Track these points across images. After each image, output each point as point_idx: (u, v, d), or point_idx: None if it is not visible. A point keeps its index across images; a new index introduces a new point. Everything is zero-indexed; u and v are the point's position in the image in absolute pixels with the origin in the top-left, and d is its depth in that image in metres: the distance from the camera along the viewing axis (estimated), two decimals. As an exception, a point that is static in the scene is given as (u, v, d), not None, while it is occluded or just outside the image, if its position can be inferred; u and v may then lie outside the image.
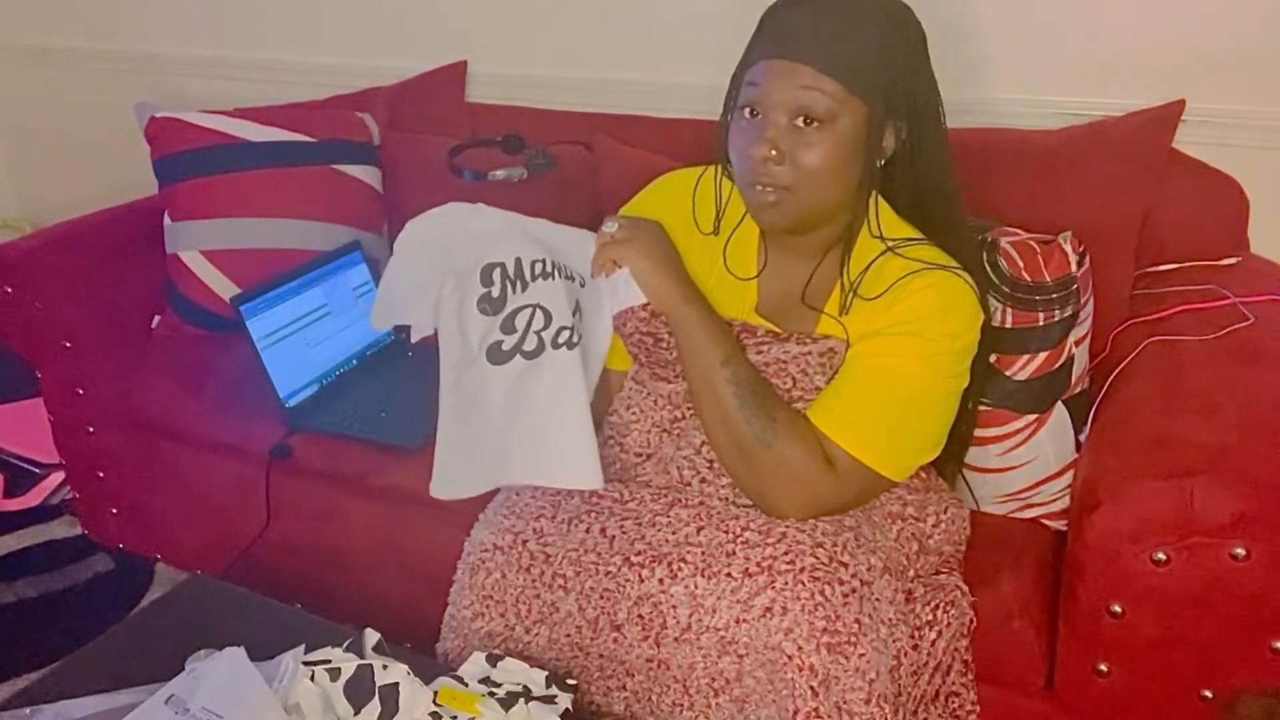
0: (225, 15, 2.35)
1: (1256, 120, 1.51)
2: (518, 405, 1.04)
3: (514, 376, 1.02)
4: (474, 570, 1.15)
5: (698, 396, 1.11)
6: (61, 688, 1.02)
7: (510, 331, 1.01)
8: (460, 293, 0.98)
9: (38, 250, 1.73)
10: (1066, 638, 1.14)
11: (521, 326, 1.01)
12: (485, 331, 1.00)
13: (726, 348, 1.09)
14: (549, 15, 1.98)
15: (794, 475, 1.06)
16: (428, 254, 0.98)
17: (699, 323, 1.10)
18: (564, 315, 1.05)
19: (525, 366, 1.02)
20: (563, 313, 1.04)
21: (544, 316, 1.03)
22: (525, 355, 1.02)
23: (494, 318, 0.99)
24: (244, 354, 1.57)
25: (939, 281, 1.08)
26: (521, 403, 1.04)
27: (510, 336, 1.01)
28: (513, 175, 1.71)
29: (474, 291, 0.98)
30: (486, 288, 0.98)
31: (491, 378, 1.01)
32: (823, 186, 1.04)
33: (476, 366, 1.01)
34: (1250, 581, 1.01)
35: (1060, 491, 1.31)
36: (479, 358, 1.01)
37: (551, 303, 1.03)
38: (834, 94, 1.00)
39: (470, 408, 1.03)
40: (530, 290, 1.01)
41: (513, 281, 1.00)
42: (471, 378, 1.01)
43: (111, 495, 1.86)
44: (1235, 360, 1.23)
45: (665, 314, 1.12)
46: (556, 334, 1.04)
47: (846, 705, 0.97)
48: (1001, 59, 1.63)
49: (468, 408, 1.03)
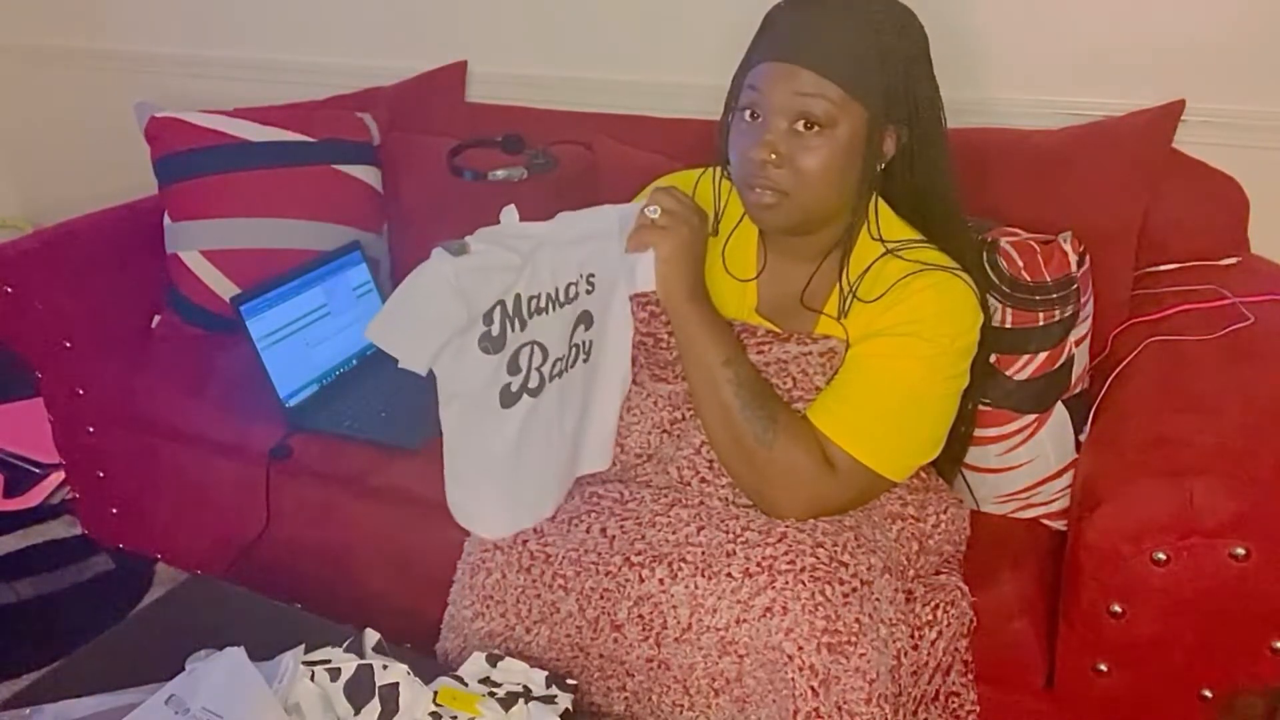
0: (225, 15, 2.35)
1: (1256, 120, 1.51)
2: (532, 440, 1.06)
3: (523, 415, 1.03)
4: (474, 570, 1.15)
5: (698, 396, 1.11)
6: (61, 688, 1.01)
7: (515, 372, 1.01)
8: (464, 336, 0.97)
9: (38, 250, 1.73)
10: (1066, 638, 1.14)
11: (525, 365, 1.02)
12: (491, 374, 1.00)
13: (728, 348, 1.09)
14: (549, 15, 1.98)
15: (794, 476, 1.06)
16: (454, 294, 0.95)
17: (700, 323, 1.09)
18: (559, 346, 1.06)
19: (531, 405, 1.03)
20: (558, 344, 1.06)
21: (541, 352, 1.03)
22: (530, 394, 1.03)
23: (495, 357, 0.99)
24: (244, 354, 1.57)
25: (938, 282, 1.08)
26: (533, 438, 1.06)
27: (516, 377, 1.01)
28: (513, 175, 1.71)
29: (475, 331, 0.98)
30: (487, 326, 0.98)
31: (505, 420, 1.02)
32: (822, 191, 1.05)
33: (486, 409, 1.01)
34: (1250, 581, 1.01)
35: (1060, 491, 1.31)
36: (490, 400, 1.01)
37: (546, 336, 1.04)
38: (834, 98, 1.00)
39: (484, 452, 1.03)
40: (529, 327, 1.01)
41: (511, 320, 1.00)
42: (479, 419, 1.01)
43: (111, 495, 1.86)
44: (1235, 360, 1.23)
45: (667, 310, 1.12)
46: (553, 366, 1.05)
47: (847, 705, 0.97)
48: (1001, 59, 1.63)
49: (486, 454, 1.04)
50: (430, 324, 0.94)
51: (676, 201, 1.09)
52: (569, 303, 1.06)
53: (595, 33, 1.95)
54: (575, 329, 1.08)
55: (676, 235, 1.08)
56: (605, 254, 1.08)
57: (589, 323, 1.10)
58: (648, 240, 1.08)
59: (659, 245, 1.08)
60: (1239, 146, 1.49)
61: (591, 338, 1.11)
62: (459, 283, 0.94)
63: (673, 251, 1.08)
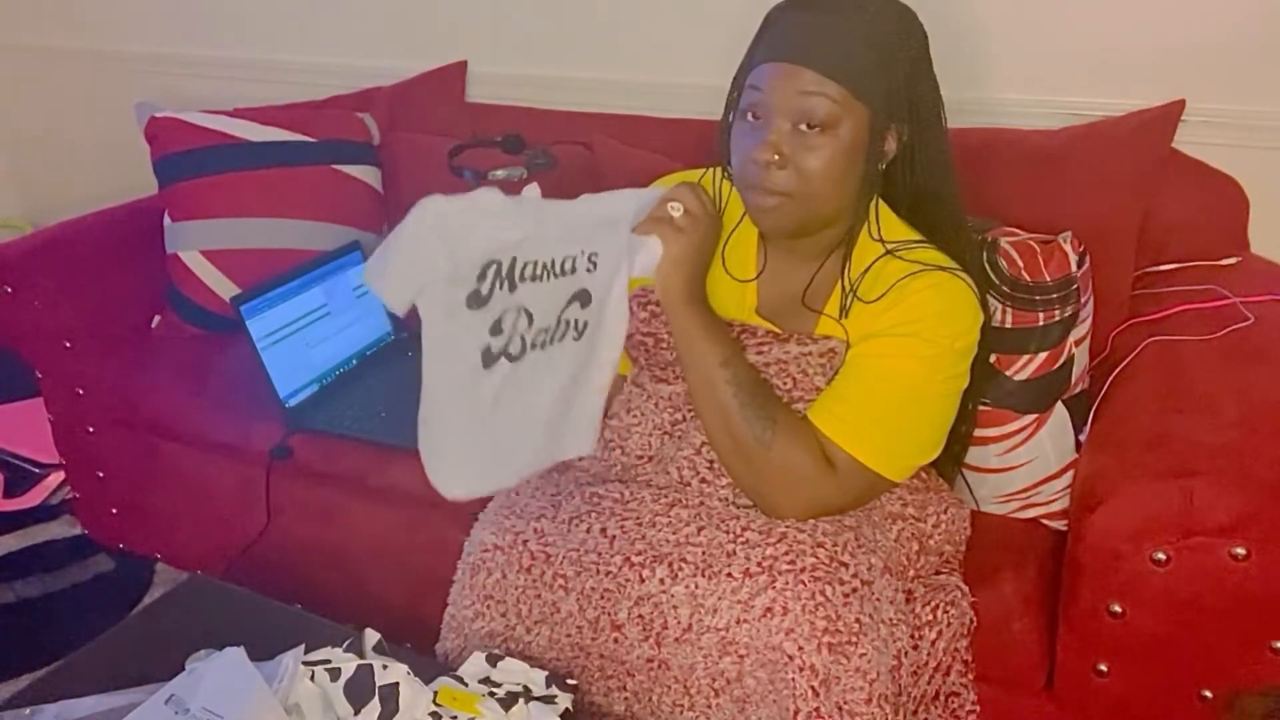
0: (225, 15, 2.35)
1: (1256, 120, 1.51)
2: (505, 405, 1.04)
3: (500, 378, 1.02)
4: (474, 570, 1.15)
5: (698, 397, 1.11)
6: (61, 688, 1.02)
7: (497, 333, 1.01)
8: (453, 288, 0.98)
9: (38, 250, 1.73)
10: (1066, 638, 1.14)
11: (508, 329, 1.01)
12: (475, 332, 1.00)
13: (726, 349, 1.09)
14: (549, 15, 1.98)
15: (794, 476, 1.06)
16: (436, 235, 0.96)
17: (699, 324, 1.09)
18: (546, 317, 1.05)
19: (509, 369, 1.03)
20: (545, 314, 1.04)
21: (527, 318, 1.03)
22: (509, 358, 1.02)
23: (478, 313, 0.99)
24: (244, 354, 1.57)
25: (938, 283, 1.08)
26: (506, 403, 1.04)
27: (497, 339, 1.01)
28: (513, 175, 1.70)
29: (467, 285, 0.98)
30: (479, 284, 0.98)
31: (481, 379, 1.02)
32: (824, 191, 1.04)
33: (465, 364, 1.01)
34: (1250, 581, 1.01)
35: (1060, 491, 1.31)
36: (472, 358, 1.01)
37: (535, 304, 1.03)
38: (837, 97, 1.00)
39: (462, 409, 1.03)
40: (519, 292, 1.01)
41: (503, 280, 1.00)
42: (457, 373, 1.01)
43: (111, 495, 1.86)
44: (1235, 360, 1.23)
45: (665, 309, 1.12)
46: (536, 335, 1.04)
47: (847, 705, 0.97)
48: (1002, 59, 1.63)
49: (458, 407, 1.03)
50: (410, 264, 0.95)
51: (700, 204, 1.08)
52: (564, 276, 1.05)
53: (595, 33, 1.95)
54: (570, 304, 1.06)
55: (690, 239, 1.07)
56: (614, 236, 1.07)
57: (585, 301, 1.08)
58: (663, 235, 1.07)
59: (671, 244, 1.07)
60: (1239, 146, 1.49)
61: (587, 318, 1.08)
62: (439, 224, 0.95)
63: (682, 253, 1.07)
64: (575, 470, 1.23)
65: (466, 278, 0.97)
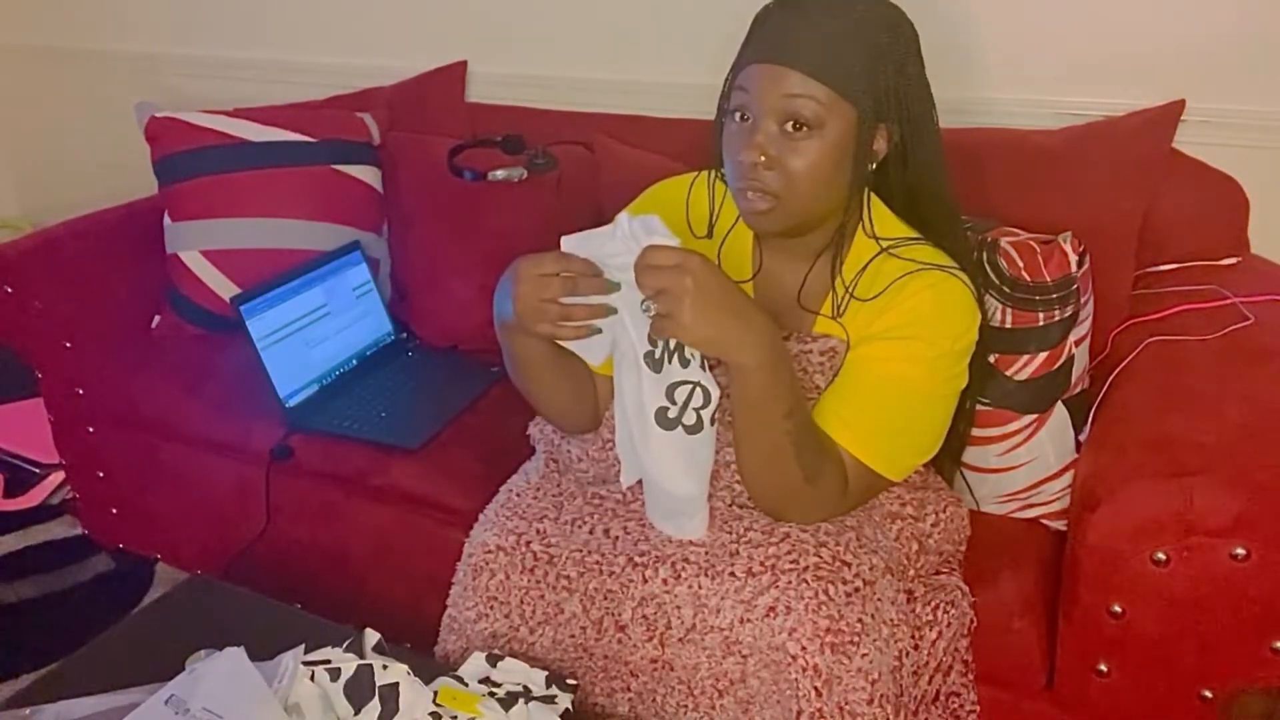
0: (225, 15, 2.35)
1: (1256, 120, 1.51)
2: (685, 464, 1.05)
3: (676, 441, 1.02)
4: (477, 571, 1.15)
5: (748, 440, 1.04)
6: (61, 688, 1.02)
7: (673, 402, 1.01)
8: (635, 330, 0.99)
9: (38, 250, 1.73)
10: (1066, 638, 1.14)
11: (681, 400, 1.01)
12: (653, 391, 1.01)
13: (789, 399, 1.00)
14: (549, 15, 1.98)
15: (824, 501, 1.06)
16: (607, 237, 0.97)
17: (764, 385, 0.98)
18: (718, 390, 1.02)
19: (687, 440, 1.02)
20: (716, 388, 1.02)
21: (703, 395, 1.01)
22: (687, 430, 1.02)
23: (657, 377, 1.00)
24: (244, 354, 1.57)
25: (936, 282, 1.07)
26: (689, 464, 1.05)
27: (674, 406, 1.01)
28: (513, 175, 1.71)
29: (643, 344, 0.99)
30: (651, 346, 0.99)
31: (658, 438, 1.02)
32: (813, 191, 1.04)
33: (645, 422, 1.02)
34: (1250, 581, 1.01)
35: (1060, 491, 1.31)
36: (648, 418, 1.02)
37: (708, 380, 1.01)
38: (823, 99, 1.00)
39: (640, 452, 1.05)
40: (690, 367, 1.01)
41: (670, 352, 1.00)
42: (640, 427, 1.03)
43: (111, 495, 1.86)
44: (1235, 360, 1.23)
45: (731, 380, 1.01)
46: (714, 411, 1.02)
47: (849, 706, 0.97)
48: (1001, 59, 1.63)
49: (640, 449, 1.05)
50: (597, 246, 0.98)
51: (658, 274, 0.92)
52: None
53: (595, 33, 1.95)
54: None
55: (679, 318, 0.92)
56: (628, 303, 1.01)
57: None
58: (667, 331, 0.95)
59: (681, 335, 0.94)
60: (1239, 146, 1.49)
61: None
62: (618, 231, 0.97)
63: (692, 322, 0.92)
64: (576, 471, 1.23)
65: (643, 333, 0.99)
